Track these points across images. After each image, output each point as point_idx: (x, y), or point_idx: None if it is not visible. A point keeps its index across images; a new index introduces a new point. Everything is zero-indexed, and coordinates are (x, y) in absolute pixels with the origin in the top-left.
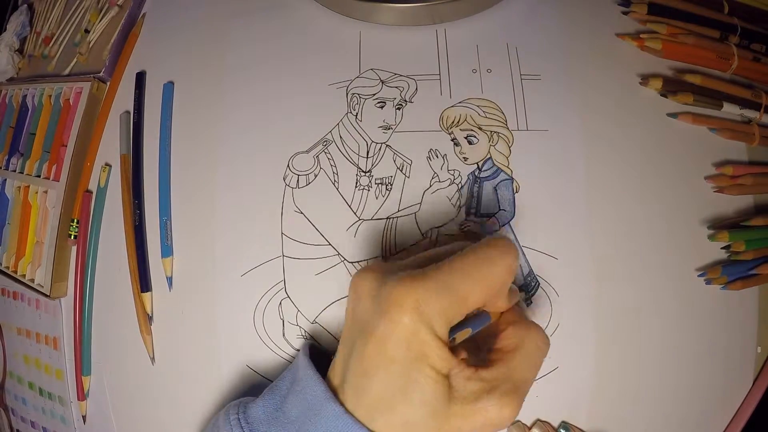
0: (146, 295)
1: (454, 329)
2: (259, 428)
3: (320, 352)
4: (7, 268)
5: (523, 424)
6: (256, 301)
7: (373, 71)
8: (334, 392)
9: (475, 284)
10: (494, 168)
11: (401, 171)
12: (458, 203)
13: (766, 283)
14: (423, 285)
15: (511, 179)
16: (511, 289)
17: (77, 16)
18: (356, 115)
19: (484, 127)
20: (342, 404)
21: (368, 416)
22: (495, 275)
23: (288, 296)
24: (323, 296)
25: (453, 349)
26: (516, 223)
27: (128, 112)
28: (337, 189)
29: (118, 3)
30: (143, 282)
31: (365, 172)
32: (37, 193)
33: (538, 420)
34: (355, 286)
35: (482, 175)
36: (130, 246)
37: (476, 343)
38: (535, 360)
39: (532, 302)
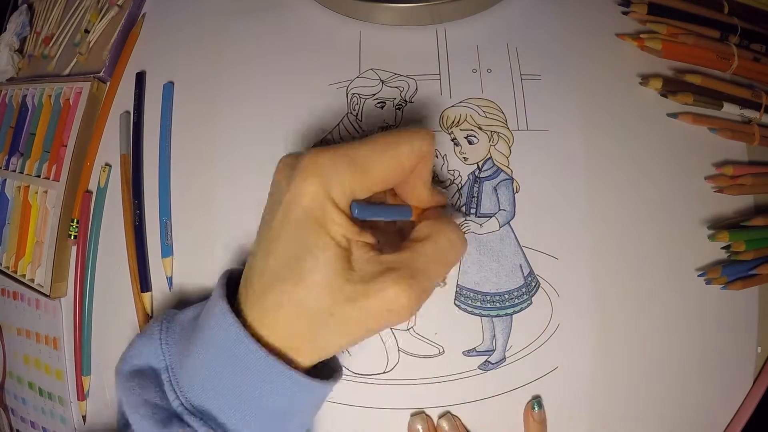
0: (146, 295)
1: (367, 210)
2: (175, 328)
3: None
4: (7, 268)
5: (426, 415)
6: None
7: (373, 71)
8: (240, 290)
9: (381, 158)
10: (494, 168)
11: None
12: (458, 203)
13: (766, 283)
14: (329, 154)
15: (511, 179)
16: (435, 189)
17: (77, 16)
18: (356, 115)
19: (484, 127)
20: (230, 302)
21: (256, 299)
22: (402, 153)
23: None
24: None
25: (361, 230)
26: (516, 223)
27: (128, 112)
28: None
29: (118, 3)
30: (143, 282)
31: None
32: (37, 193)
33: (448, 412)
34: (278, 165)
35: (482, 175)
36: (130, 246)
37: (398, 240)
38: (445, 254)
39: (532, 302)
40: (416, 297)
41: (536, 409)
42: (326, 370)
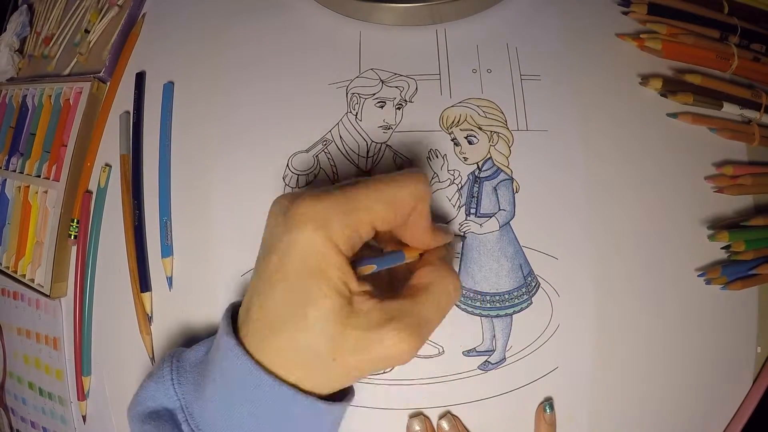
0: (146, 295)
1: (361, 262)
2: (185, 367)
3: None
4: (7, 268)
5: (425, 416)
6: None
7: (373, 71)
8: (240, 324)
9: (380, 200)
10: (494, 168)
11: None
12: (458, 203)
13: (766, 283)
14: (327, 198)
15: (511, 179)
16: (438, 227)
17: (77, 16)
18: (356, 115)
19: (484, 127)
20: (237, 336)
21: (259, 338)
22: (401, 196)
23: None
24: None
25: (358, 280)
26: (516, 223)
27: (128, 112)
28: None
29: (118, 3)
30: (143, 282)
31: (365, 172)
32: (37, 193)
33: (448, 413)
34: (270, 209)
35: (482, 175)
36: (130, 246)
37: (392, 284)
38: (442, 303)
39: (532, 302)
40: (417, 345)
41: (548, 411)
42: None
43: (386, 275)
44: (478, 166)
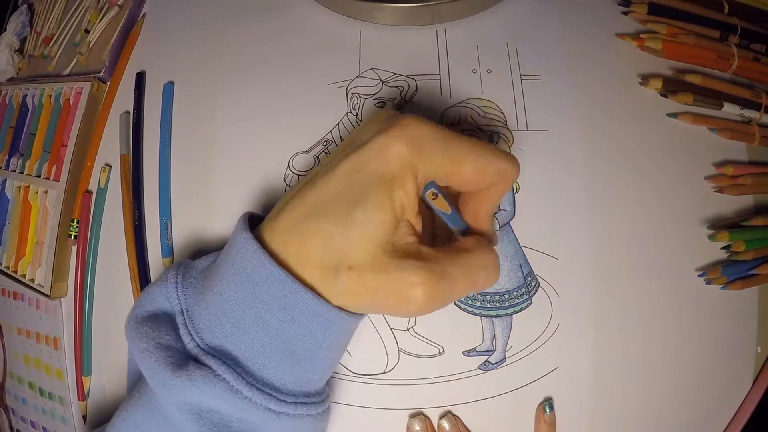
0: None
1: (431, 185)
2: (192, 273)
3: None
4: (8, 268)
5: (425, 416)
6: None
7: (373, 71)
8: (263, 224)
9: (474, 157)
10: None
11: None
12: None
13: (766, 283)
14: (432, 127)
15: None
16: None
17: (77, 16)
18: (356, 115)
19: (484, 128)
20: (251, 231)
21: (292, 227)
22: (492, 167)
23: None
24: None
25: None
26: (516, 223)
27: (128, 112)
28: None
29: (118, 3)
30: (143, 282)
31: None
32: (37, 193)
33: (449, 412)
34: (376, 114)
35: None
36: (130, 246)
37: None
38: (473, 275)
39: (532, 302)
40: (432, 297)
41: (548, 411)
42: None
43: (428, 236)
44: None
